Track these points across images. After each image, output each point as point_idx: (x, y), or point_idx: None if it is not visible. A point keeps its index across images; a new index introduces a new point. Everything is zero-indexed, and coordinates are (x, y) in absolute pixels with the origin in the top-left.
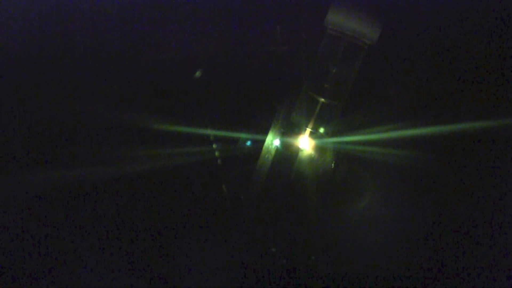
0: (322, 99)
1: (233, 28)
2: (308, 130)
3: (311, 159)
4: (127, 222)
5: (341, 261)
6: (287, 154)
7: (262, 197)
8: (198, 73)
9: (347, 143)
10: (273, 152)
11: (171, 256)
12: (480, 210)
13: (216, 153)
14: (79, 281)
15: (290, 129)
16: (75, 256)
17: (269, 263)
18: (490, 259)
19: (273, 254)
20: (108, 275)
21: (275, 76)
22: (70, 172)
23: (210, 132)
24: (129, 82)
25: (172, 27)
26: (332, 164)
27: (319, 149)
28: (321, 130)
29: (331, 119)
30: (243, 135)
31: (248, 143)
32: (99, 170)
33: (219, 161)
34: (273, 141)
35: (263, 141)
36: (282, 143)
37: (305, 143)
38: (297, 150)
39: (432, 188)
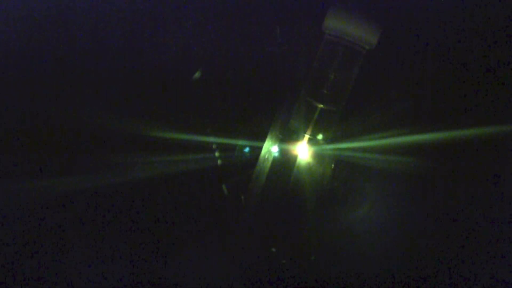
0: (321, 105)
1: (231, 31)
2: (306, 136)
3: (309, 166)
4: (129, 226)
5: (340, 261)
6: (285, 161)
7: (261, 200)
8: (197, 74)
9: (345, 149)
10: (271, 158)
11: (172, 257)
12: (479, 215)
13: (213, 160)
14: (81, 284)
15: (288, 135)
16: (77, 261)
17: (269, 263)
18: (489, 262)
19: (273, 254)
20: (109, 278)
21: (273, 82)
22: (72, 178)
23: (207, 138)
24: (127, 87)
25: (169, 30)
26: (331, 171)
27: (317, 155)
28: (319, 136)
29: (330, 125)
30: (240, 142)
31: (246, 149)
32: (98, 177)
33: (218, 162)
34: (271, 148)
35: (261, 147)
36: (280, 149)
37: (303, 150)
38: (295, 157)
39: (431, 194)
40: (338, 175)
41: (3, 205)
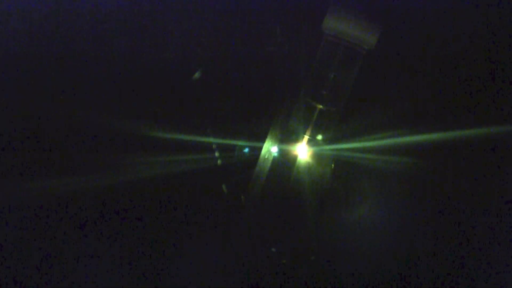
0: (320, 106)
1: (231, 31)
2: (306, 137)
3: (308, 166)
4: (129, 226)
5: (340, 261)
6: (285, 161)
7: (261, 200)
8: (197, 74)
9: (345, 149)
10: (270, 159)
11: (173, 257)
12: (478, 214)
13: (213, 160)
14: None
15: (288, 136)
16: (77, 261)
17: (269, 263)
18: (489, 261)
19: (273, 254)
20: (109, 278)
21: (273, 83)
22: (72, 178)
23: (207, 138)
24: (127, 87)
25: (170, 30)
26: (330, 171)
27: (317, 156)
28: (319, 137)
29: (329, 126)
30: (240, 142)
31: (246, 149)
32: (98, 177)
33: (218, 162)
34: (270, 148)
35: (261, 147)
36: (279, 150)
37: (303, 150)
38: (295, 157)
39: (430, 194)
40: (338, 175)
41: (3, 205)
